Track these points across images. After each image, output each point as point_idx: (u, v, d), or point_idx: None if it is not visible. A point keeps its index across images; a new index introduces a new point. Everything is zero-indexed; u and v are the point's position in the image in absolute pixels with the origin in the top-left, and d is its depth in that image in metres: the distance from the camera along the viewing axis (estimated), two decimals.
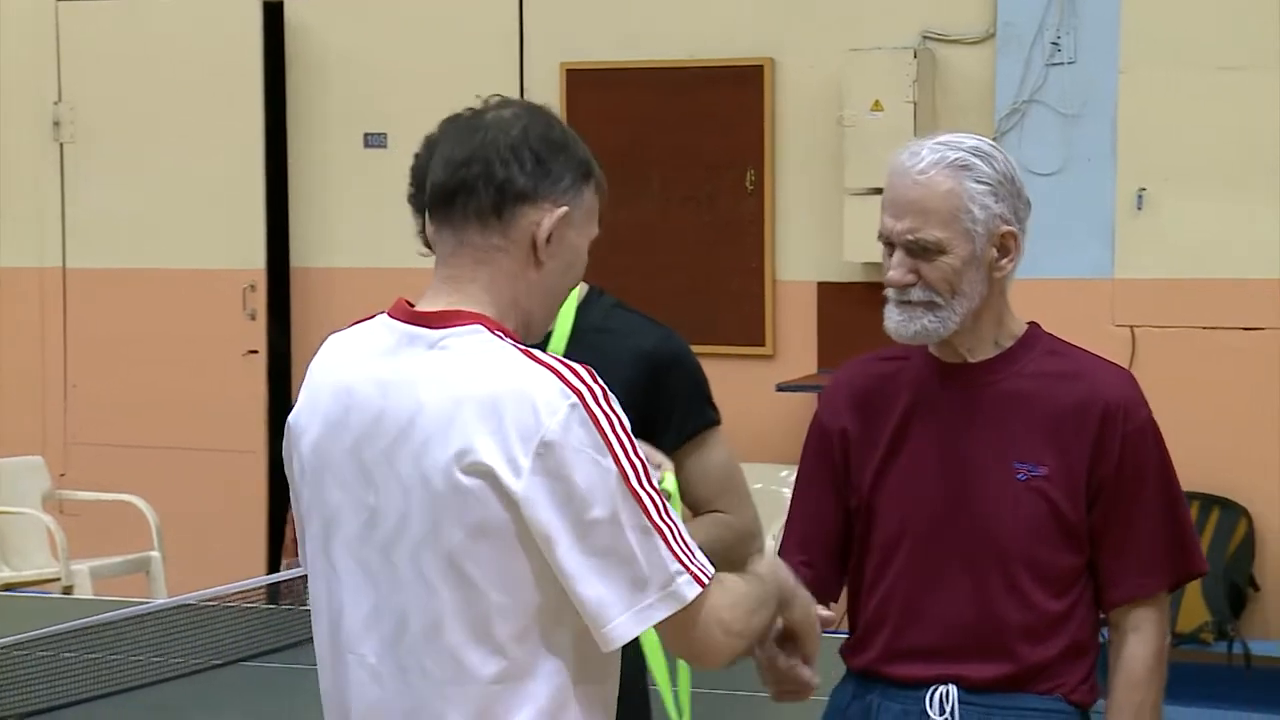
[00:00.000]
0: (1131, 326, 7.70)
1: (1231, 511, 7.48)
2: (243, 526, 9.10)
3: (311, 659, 2.65)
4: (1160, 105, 7.73)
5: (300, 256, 9.25)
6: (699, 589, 2.45)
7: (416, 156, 2.57)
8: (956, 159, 3.07)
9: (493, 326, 2.49)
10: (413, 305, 2.56)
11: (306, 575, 2.65)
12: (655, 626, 2.47)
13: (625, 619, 2.42)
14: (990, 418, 3.15)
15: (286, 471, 2.66)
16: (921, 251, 3.06)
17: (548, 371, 2.46)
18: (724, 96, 8.47)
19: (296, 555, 2.77)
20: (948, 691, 3.13)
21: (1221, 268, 7.61)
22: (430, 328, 2.51)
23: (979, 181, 3.07)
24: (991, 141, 3.16)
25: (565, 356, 3.28)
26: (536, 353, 2.48)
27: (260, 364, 9.21)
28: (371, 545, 2.50)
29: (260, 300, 9.18)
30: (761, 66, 8.43)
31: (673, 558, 2.45)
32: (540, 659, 2.46)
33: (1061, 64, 7.87)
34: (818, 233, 8.24)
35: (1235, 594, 7.43)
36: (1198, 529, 7.44)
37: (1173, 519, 3.18)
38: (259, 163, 9.10)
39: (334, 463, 2.54)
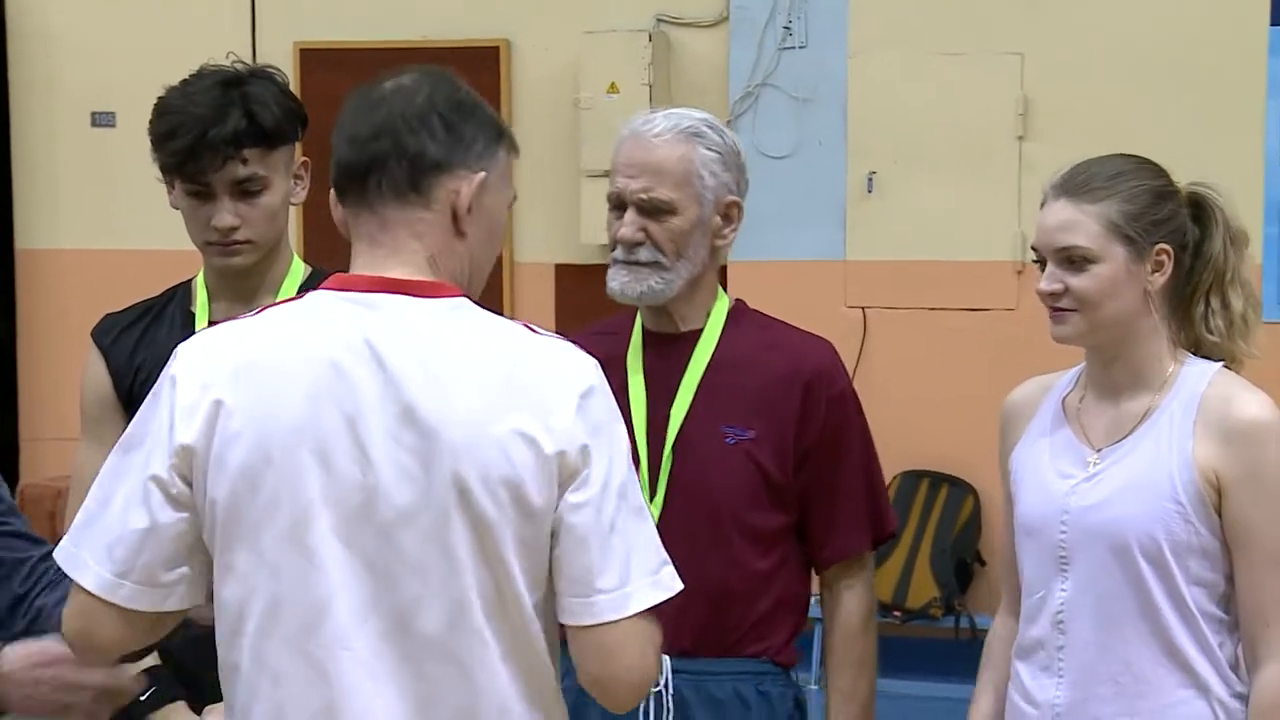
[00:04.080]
0: (863, 307, 7.83)
1: (959, 489, 7.64)
2: None
3: None
4: (889, 89, 7.85)
5: (25, 238, 9.01)
6: (677, 587, 2.38)
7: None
8: (689, 126, 3.18)
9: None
10: (368, 279, 2.40)
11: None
12: (582, 632, 2.36)
13: (615, 595, 2.33)
14: (701, 385, 3.21)
15: (171, 466, 2.39)
16: (653, 211, 3.16)
17: (555, 339, 2.41)
18: (461, 77, 8.41)
19: None
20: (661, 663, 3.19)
21: (950, 250, 7.76)
22: (415, 296, 2.38)
23: (710, 149, 3.18)
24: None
25: None
26: (531, 325, 2.40)
27: None
28: (370, 530, 2.33)
29: None
30: (497, 48, 8.40)
31: (660, 545, 2.39)
32: (545, 627, 2.38)
33: (793, 48, 7.95)
34: (555, 215, 8.25)
35: (963, 570, 7.58)
36: (927, 506, 7.64)
37: (872, 482, 3.32)
38: None
39: (312, 445, 2.33)
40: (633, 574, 2.35)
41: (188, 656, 3.24)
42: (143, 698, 3.22)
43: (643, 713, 3.15)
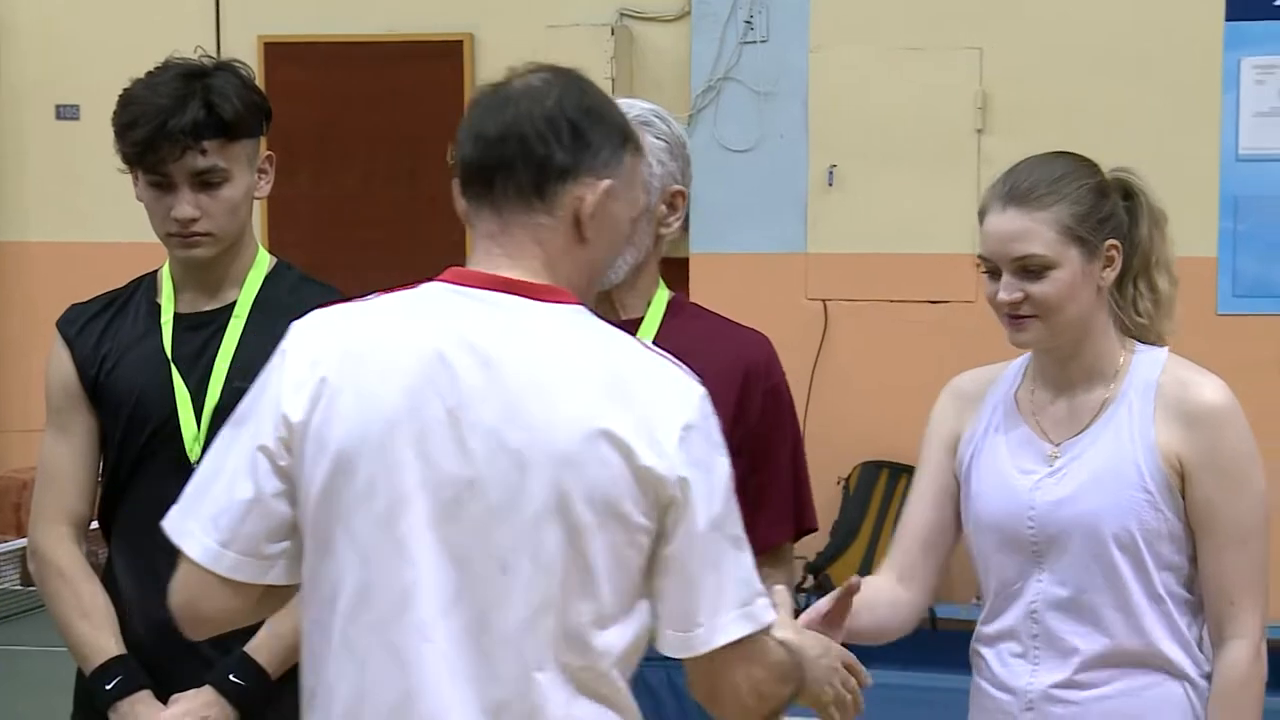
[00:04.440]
0: (824, 300, 7.84)
1: None
2: None
3: None
4: (850, 84, 7.87)
5: None
6: (770, 618, 2.38)
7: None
8: (638, 115, 3.17)
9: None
10: (483, 275, 2.38)
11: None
12: (684, 660, 2.35)
13: (705, 629, 2.33)
14: None
15: (278, 439, 2.36)
16: None
17: (668, 360, 2.37)
18: (424, 71, 8.41)
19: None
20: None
21: (910, 243, 7.78)
22: (529, 298, 2.35)
23: (658, 138, 3.19)
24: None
25: (250, 325, 3.30)
26: (646, 342, 2.37)
27: None
28: (462, 524, 2.30)
29: None
30: (461, 42, 8.39)
31: (755, 576, 2.38)
32: (623, 641, 2.35)
33: (754, 43, 7.96)
34: None
35: None
36: (886, 497, 7.65)
37: (799, 475, 3.32)
38: None
39: (411, 435, 2.30)
40: (723, 606, 2.35)
41: (155, 647, 3.25)
42: (109, 687, 3.22)
43: None
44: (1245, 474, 2.96)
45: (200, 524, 2.42)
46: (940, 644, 4.62)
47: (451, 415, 2.31)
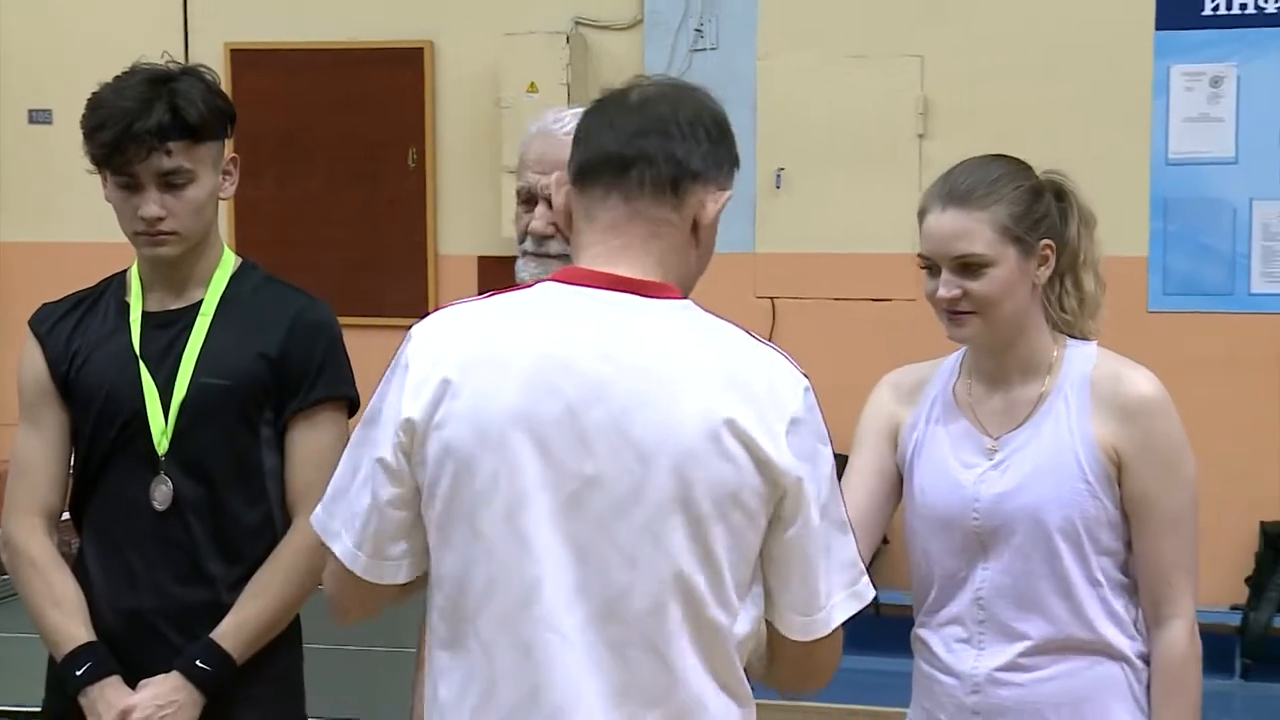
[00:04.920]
0: (772, 298, 7.86)
1: None
2: None
3: None
4: (797, 90, 7.88)
5: None
6: (871, 593, 2.40)
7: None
8: None
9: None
10: (599, 274, 2.35)
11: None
12: (791, 644, 2.38)
13: (825, 611, 2.34)
14: None
15: (396, 444, 2.35)
16: None
17: (775, 350, 2.37)
18: (386, 78, 8.40)
19: None
20: None
21: (854, 243, 7.80)
22: (644, 295, 2.35)
23: None
24: None
25: (217, 323, 3.29)
26: (753, 333, 2.37)
27: None
28: (584, 518, 2.28)
29: None
30: (422, 49, 8.37)
31: (858, 556, 2.39)
32: (744, 628, 2.35)
33: (704, 50, 7.98)
34: (477, 209, 8.23)
35: None
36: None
37: None
38: None
39: (531, 432, 2.29)
40: (834, 589, 2.37)
41: (124, 634, 3.24)
42: (79, 673, 3.21)
43: None
44: (1177, 462, 2.99)
45: (344, 522, 2.43)
46: (884, 629, 4.63)
47: (571, 412, 2.29)
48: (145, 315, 3.32)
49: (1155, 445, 2.96)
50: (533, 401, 2.30)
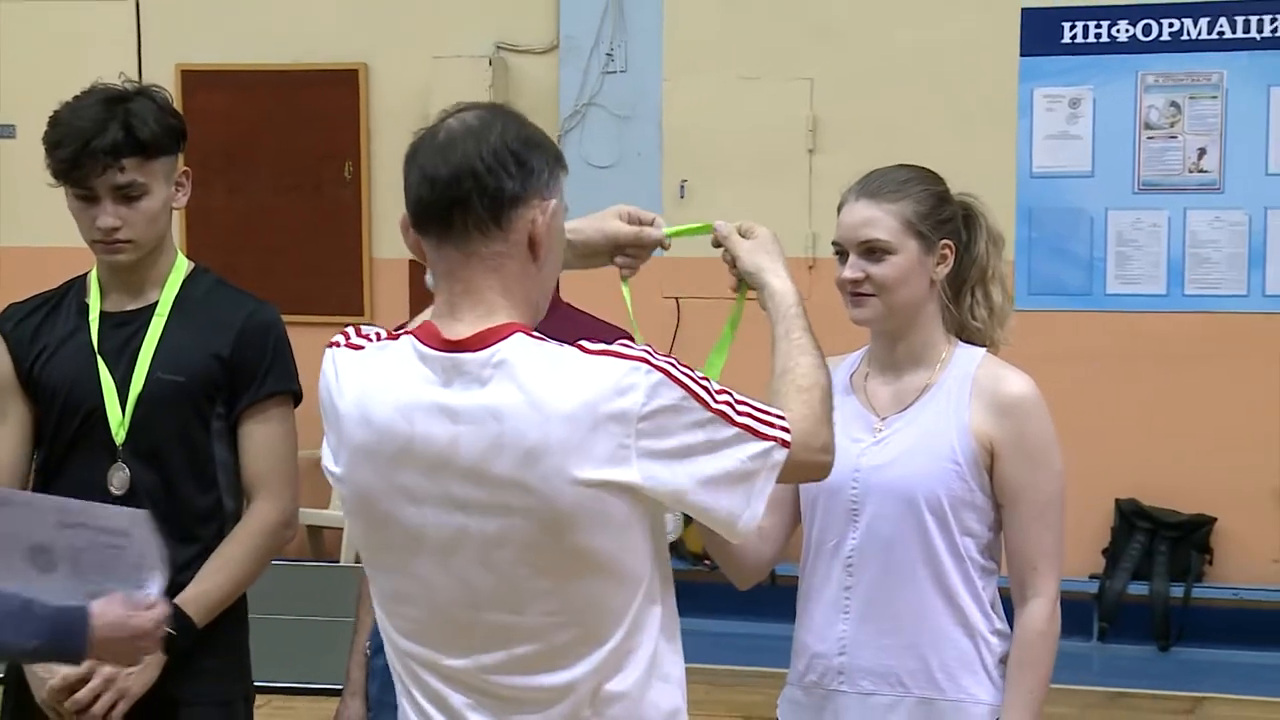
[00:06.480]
0: (677, 298, 7.86)
1: None
2: None
3: None
4: (699, 108, 7.90)
5: None
6: (786, 449, 2.34)
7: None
8: None
9: (524, 330, 2.28)
10: (438, 331, 2.29)
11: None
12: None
13: (749, 512, 2.31)
14: None
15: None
16: None
17: (604, 357, 2.26)
18: (325, 96, 8.35)
19: None
20: None
21: None
22: (474, 351, 2.26)
23: None
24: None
25: (171, 322, 3.26)
26: (582, 343, 2.27)
27: None
28: (465, 556, 2.27)
29: None
30: (357, 70, 8.33)
31: (757, 439, 2.32)
32: (643, 630, 2.32)
33: (615, 72, 7.98)
34: None
35: None
36: None
37: None
38: None
39: (401, 486, 2.28)
40: (753, 483, 2.38)
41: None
42: None
43: None
44: (1047, 456, 3.00)
45: None
46: (777, 598, 4.63)
47: (431, 471, 2.26)
48: (104, 315, 3.29)
49: (1027, 440, 2.98)
50: (386, 462, 2.29)
